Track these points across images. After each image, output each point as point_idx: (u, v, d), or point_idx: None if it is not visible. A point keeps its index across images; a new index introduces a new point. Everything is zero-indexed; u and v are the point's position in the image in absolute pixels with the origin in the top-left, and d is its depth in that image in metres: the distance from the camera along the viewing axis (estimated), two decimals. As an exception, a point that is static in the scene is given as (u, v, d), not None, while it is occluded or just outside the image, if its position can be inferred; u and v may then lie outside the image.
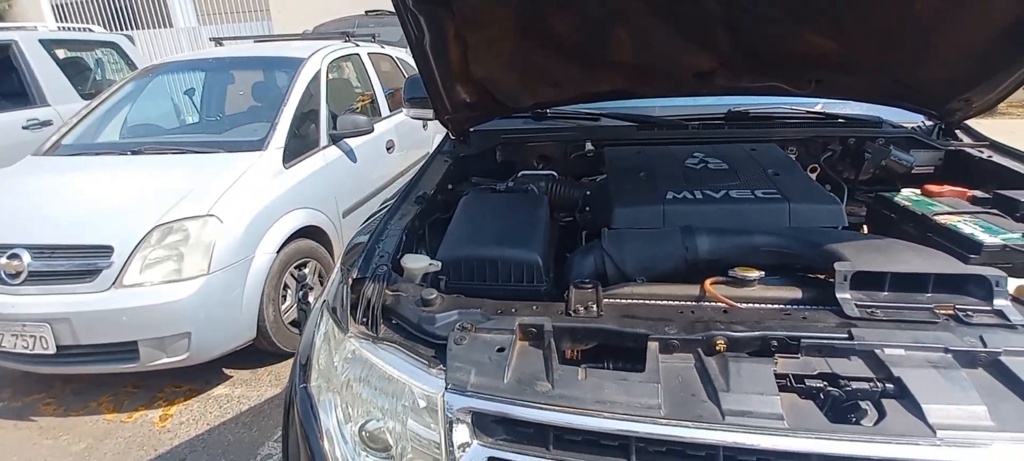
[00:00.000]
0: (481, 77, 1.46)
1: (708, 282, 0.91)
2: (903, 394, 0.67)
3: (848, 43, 1.34)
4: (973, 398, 0.65)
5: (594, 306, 0.86)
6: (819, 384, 0.70)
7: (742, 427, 0.65)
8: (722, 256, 0.99)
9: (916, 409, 0.65)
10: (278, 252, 2.46)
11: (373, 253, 1.07)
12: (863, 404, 0.68)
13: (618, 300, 0.91)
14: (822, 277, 0.93)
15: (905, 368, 0.69)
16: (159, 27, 11.19)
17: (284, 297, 2.53)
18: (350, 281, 0.96)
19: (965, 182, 1.34)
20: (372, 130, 3.22)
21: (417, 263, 1.04)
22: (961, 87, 1.43)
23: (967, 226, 1.05)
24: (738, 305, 0.87)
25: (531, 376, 0.74)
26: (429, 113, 2.06)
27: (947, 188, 1.28)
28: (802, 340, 0.74)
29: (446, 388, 0.75)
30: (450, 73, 1.44)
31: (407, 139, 4.06)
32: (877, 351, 0.72)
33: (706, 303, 0.89)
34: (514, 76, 1.48)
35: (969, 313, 0.78)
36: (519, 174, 1.62)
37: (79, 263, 2.07)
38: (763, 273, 0.91)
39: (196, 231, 2.15)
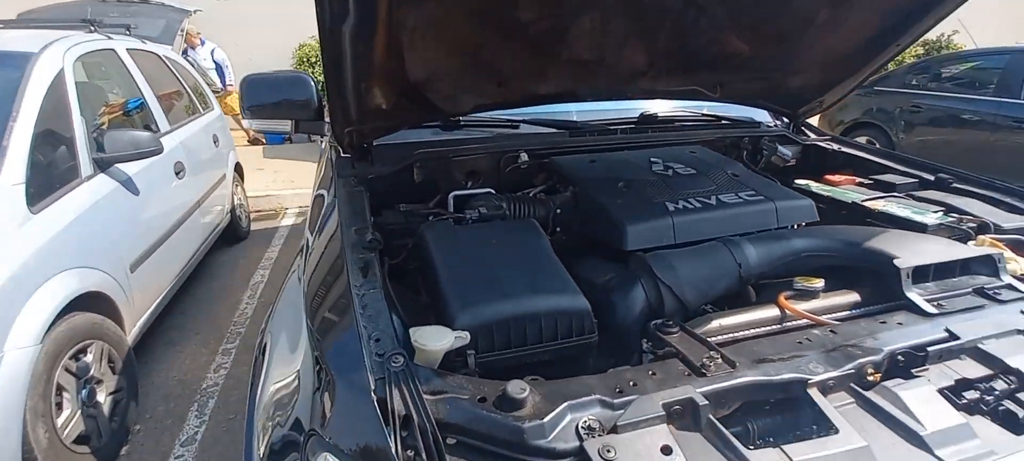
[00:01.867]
0: (416, 73, 1.14)
1: (783, 298, 0.83)
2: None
3: (757, 48, 1.44)
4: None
5: (717, 357, 0.69)
6: (974, 394, 0.67)
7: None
8: (769, 267, 0.93)
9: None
10: (42, 341, 1.63)
11: (359, 340, 0.71)
12: (1011, 405, 0.68)
13: (714, 337, 0.77)
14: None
15: (1013, 357, 0.71)
16: None
17: (60, 405, 1.70)
18: (374, 398, 0.60)
19: (820, 171, 1.58)
20: (161, 149, 2.41)
21: (437, 340, 0.73)
22: (818, 90, 1.68)
23: (900, 210, 1.20)
24: (822, 319, 0.81)
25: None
26: (280, 125, 1.64)
27: (841, 177, 1.48)
28: (928, 349, 0.71)
29: None
30: (370, 69, 1.09)
31: (195, 158, 3.21)
32: (980, 345, 0.73)
33: (791, 322, 0.81)
34: (455, 73, 1.20)
35: (996, 290, 0.86)
36: (451, 195, 1.35)
37: None
38: (823, 281, 0.87)
39: None
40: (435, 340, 0.73)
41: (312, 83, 1.61)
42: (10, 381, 1.51)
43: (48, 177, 1.93)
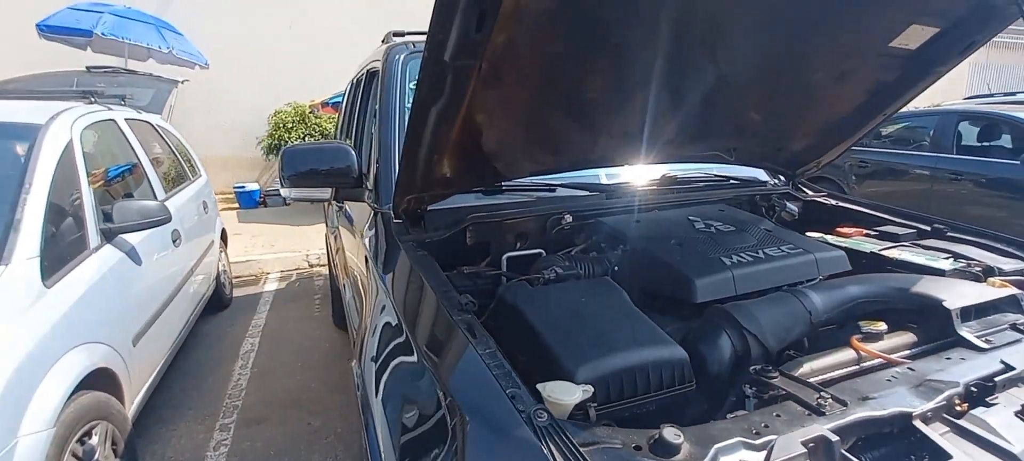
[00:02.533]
0: (488, 144, 1.23)
1: (855, 341, 0.93)
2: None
3: (768, 117, 1.61)
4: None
5: (828, 396, 0.77)
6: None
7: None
8: (833, 313, 1.02)
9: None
10: (55, 425, 1.53)
11: (497, 398, 0.74)
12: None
13: (810, 380, 0.84)
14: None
15: None
16: None
17: (69, 495, 1.58)
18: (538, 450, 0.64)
19: (818, 224, 1.74)
20: (170, 218, 2.37)
21: (569, 394, 0.77)
22: (817, 152, 1.87)
23: (915, 257, 1.34)
24: (895, 358, 0.90)
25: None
26: (321, 193, 1.68)
27: (852, 229, 1.63)
28: (1002, 375, 0.81)
29: None
30: (445, 142, 1.17)
31: (189, 225, 3.16)
32: None
33: (874, 361, 0.90)
34: (520, 143, 1.29)
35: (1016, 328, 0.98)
36: (504, 256, 1.41)
37: None
38: (886, 324, 0.98)
39: None
40: (566, 394, 0.77)
41: (353, 152, 1.68)
42: (26, 471, 1.41)
43: (59, 249, 1.87)
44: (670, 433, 0.67)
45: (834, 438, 0.68)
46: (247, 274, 5.00)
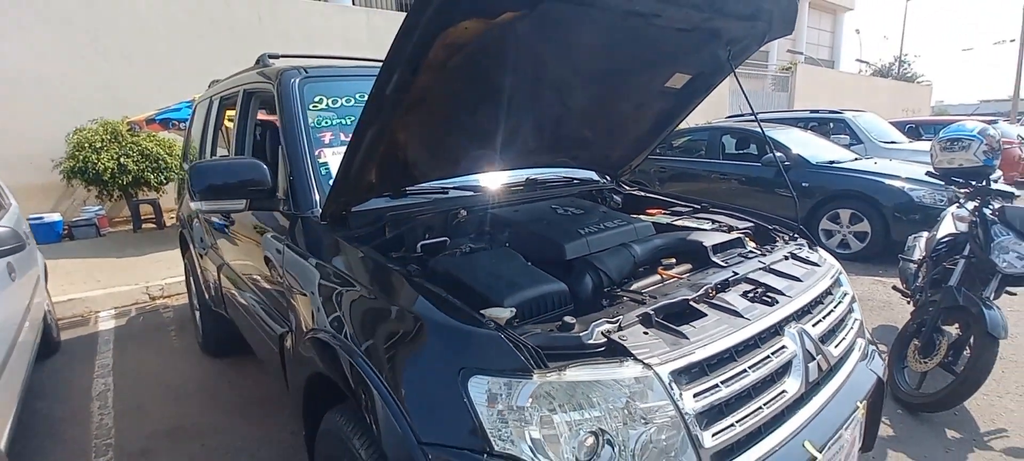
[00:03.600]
0: (410, 156, 1.59)
1: (661, 270, 1.52)
2: (771, 288, 1.47)
3: (596, 135, 2.24)
4: (780, 283, 1.51)
5: (646, 297, 1.32)
6: (751, 294, 1.42)
7: (762, 317, 1.30)
8: (645, 257, 1.62)
9: (779, 292, 1.46)
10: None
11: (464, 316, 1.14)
12: (766, 296, 1.44)
13: (648, 290, 1.41)
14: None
15: (764, 275, 1.51)
16: None
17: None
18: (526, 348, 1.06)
19: (636, 209, 2.45)
20: (24, 246, 2.19)
21: (502, 313, 1.20)
22: (630, 158, 2.58)
23: (690, 223, 2.05)
24: (677, 275, 1.52)
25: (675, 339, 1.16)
26: (235, 204, 1.87)
27: (655, 210, 2.33)
28: (732, 278, 1.46)
29: (653, 367, 1.06)
30: (375, 154, 1.51)
31: (18, 257, 2.83)
32: (751, 275, 1.51)
33: (670, 281, 1.50)
34: (431, 154, 1.68)
35: (746, 253, 1.69)
36: (419, 244, 1.77)
37: None
38: (675, 260, 1.59)
39: None
40: (501, 313, 1.19)
41: (265, 167, 1.89)
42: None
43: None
44: (569, 319, 1.14)
45: (651, 311, 1.22)
46: (71, 314, 4.40)
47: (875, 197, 5.46)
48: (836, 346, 1.50)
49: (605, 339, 1.12)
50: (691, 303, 1.32)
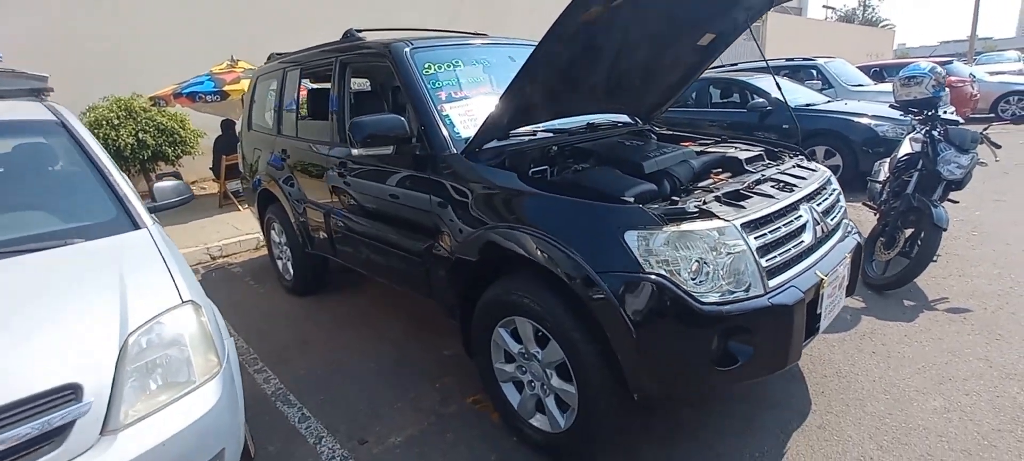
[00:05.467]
0: (531, 103, 2.22)
1: (713, 175, 2.21)
2: (788, 182, 2.16)
3: (644, 84, 2.88)
4: (793, 180, 2.20)
5: (713, 189, 2.01)
6: (777, 184, 2.11)
7: (786, 198, 2.00)
8: (700, 168, 2.30)
9: (794, 185, 2.15)
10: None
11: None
12: (787, 186, 2.13)
13: (709, 186, 2.09)
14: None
15: (782, 176, 2.20)
16: None
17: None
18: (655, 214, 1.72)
19: (671, 142, 3.12)
20: (193, 196, 2.74)
21: (628, 201, 1.86)
22: (660, 104, 3.23)
23: (718, 149, 2.74)
24: (726, 178, 2.21)
25: (737, 209, 1.85)
26: (385, 150, 2.46)
27: (688, 143, 3.01)
28: (762, 177, 2.15)
29: (731, 220, 1.75)
30: (518, 101, 2.13)
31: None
32: (773, 176, 2.20)
33: (720, 181, 2.19)
34: (539, 104, 2.30)
35: (766, 163, 2.38)
36: (529, 171, 2.40)
37: (38, 424, 1.32)
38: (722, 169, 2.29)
39: (186, 325, 1.68)
40: (628, 200, 1.85)
41: (404, 120, 2.47)
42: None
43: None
44: (675, 198, 1.82)
45: (720, 194, 1.90)
46: (151, 274, 4.89)
47: (846, 134, 6.26)
48: (832, 219, 2.21)
49: (697, 209, 1.79)
50: (741, 191, 2.01)
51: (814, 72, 9.19)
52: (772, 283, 1.78)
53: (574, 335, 1.83)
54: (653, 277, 1.67)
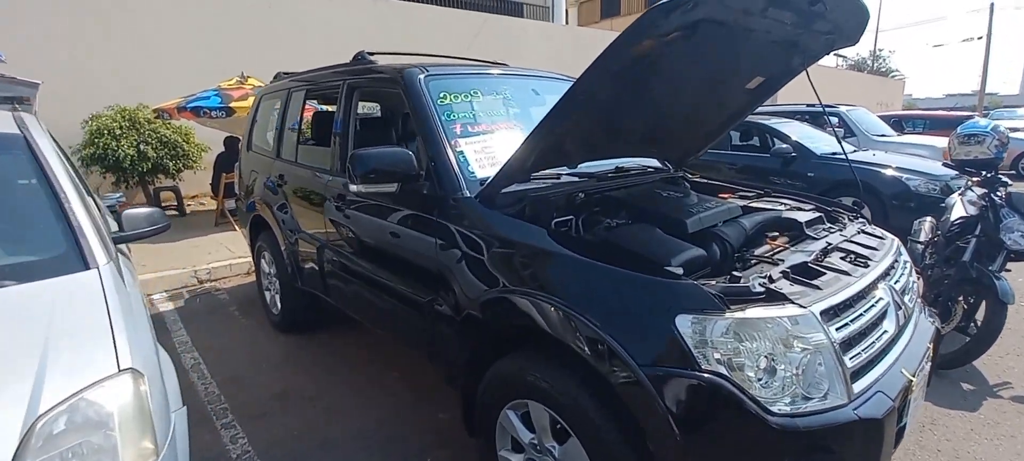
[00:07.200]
0: (557, 144, 1.90)
1: (769, 240, 1.87)
2: (859, 254, 1.83)
3: (684, 129, 2.58)
4: (865, 251, 1.87)
5: (775, 258, 1.67)
6: (848, 256, 1.77)
7: (864, 275, 1.65)
8: (753, 230, 1.97)
9: (867, 257, 1.81)
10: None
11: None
12: (860, 258, 1.79)
13: (766, 255, 1.75)
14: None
15: (850, 245, 1.87)
16: None
17: None
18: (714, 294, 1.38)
19: (706, 193, 2.80)
20: (168, 225, 2.43)
21: (677, 272, 1.52)
22: (698, 149, 2.92)
23: (766, 205, 2.41)
24: (784, 244, 1.87)
25: (812, 289, 1.51)
26: (388, 187, 2.14)
27: (727, 195, 2.68)
28: (828, 247, 1.81)
29: (808, 307, 1.40)
30: (546, 142, 1.81)
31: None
32: (840, 245, 1.87)
33: (779, 249, 1.85)
34: (580, 146, 1.99)
35: (828, 229, 2.05)
36: (553, 221, 2.07)
37: None
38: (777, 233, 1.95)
39: (118, 401, 1.33)
40: (677, 272, 1.52)
41: (412, 155, 2.16)
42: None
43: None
44: (736, 273, 1.48)
45: (788, 269, 1.56)
46: (132, 297, 4.56)
47: (875, 186, 5.94)
48: (909, 300, 1.87)
49: (763, 289, 1.45)
50: (809, 264, 1.67)
51: (836, 120, 8.94)
52: (856, 387, 1.43)
53: (605, 437, 1.47)
54: (709, 376, 1.33)
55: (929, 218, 4.06)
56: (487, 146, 2.30)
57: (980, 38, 29.30)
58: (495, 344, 1.90)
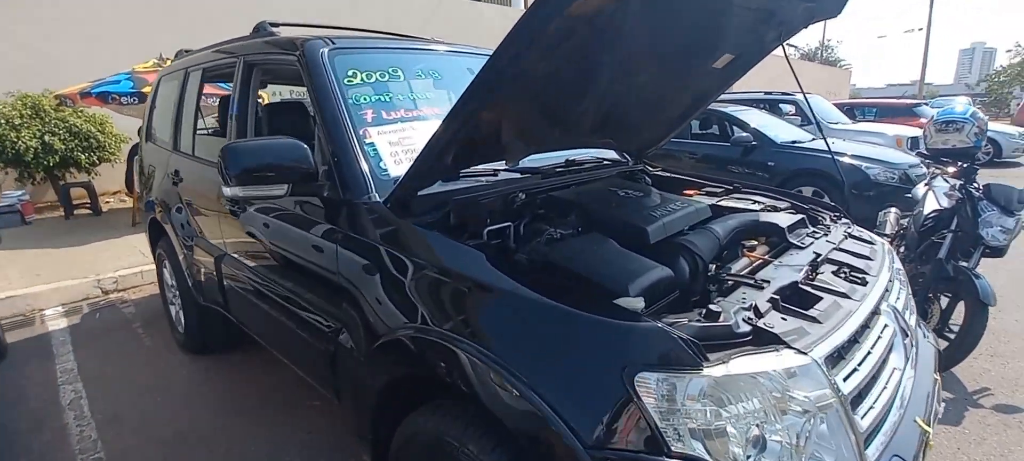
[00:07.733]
0: (485, 134, 1.48)
1: (746, 252, 1.51)
2: (855, 267, 1.50)
3: (640, 114, 2.20)
4: (859, 262, 1.54)
5: (753, 279, 1.31)
6: (841, 271, 1.44)
7: (865, 298, 1.32)
8: (727, 238, 1.61)
9: (864, 271, 1.48)
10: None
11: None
12: (857, 274, 1.46)
13: (743, 271, 1.39)
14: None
15: (841, 255, 1.53)
16: None
17: None
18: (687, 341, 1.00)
19: (668, 189, 2.45)
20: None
21: (635, 304, 1.14)
22: (659, 138, 2.56)
23: (739, 204, 2.07)
24: (765, 257, 1.52)
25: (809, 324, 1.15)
26: (276, 190, 1.70)
27: (692, 191, 2.33)
28: (818, 259, 1.47)
29: (809, 353, 1.04)
30: (466, 130, 1.39)
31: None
32: (830, 255, 1.53)
33: (758, 262, 1.50)
34: (502, 135, 1.57)
35: (809, 233, 1.71)
36: (485, 230, 1.66)
37: None
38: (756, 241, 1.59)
39: None
40: (636, 304, 1.13)
41: (306, 148, 1.70)
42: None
43: None
44: (714, 307, 1.10)
45: (776, 296, 1.20)
46: (12, 314, 3.91)
47: (835, 175, 5.80)
48: (912, 320, 1.56)
49: (750, 327, 1.09)
50: (801, 285, 1.32)
51: (792, 108, 8.87)
52: (870, 453, 1.08)
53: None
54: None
55: (894, 208, 3.87)
56: (407, 137, 1.86)
57: (920, 29, 30.56)
58: (411, 388, 1.48)
